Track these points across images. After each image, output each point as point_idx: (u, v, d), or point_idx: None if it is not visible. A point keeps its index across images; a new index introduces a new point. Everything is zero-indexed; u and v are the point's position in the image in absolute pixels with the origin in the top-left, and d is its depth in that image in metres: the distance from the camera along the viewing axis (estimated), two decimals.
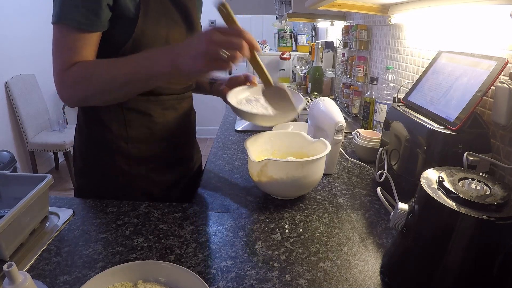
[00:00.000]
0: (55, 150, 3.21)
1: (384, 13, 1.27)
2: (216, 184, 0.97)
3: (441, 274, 0.52)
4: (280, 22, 2.64)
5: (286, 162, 0.82)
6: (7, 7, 2.96)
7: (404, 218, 0.58)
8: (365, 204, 0.86)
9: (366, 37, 1.61)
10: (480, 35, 0.86)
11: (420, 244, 0.56)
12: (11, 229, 0.61)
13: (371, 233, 0.74)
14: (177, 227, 0.75)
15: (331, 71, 2.05)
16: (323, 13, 2.01)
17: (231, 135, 1.41)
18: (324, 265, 0.64)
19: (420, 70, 1.15)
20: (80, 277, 0.60)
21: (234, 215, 0.80)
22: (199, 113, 1.24)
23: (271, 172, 0.81)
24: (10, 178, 0.77)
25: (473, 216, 0.48)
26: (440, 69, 0.90)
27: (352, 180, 1.00)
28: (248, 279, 0.60)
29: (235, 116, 1.73)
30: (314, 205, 0.85)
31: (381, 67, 1.49)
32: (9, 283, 0.45)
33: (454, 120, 0.74)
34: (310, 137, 0.96)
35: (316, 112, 1.07)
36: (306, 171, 0.81)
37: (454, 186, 0.54)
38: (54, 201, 0.83)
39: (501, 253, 0.49)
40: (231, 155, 1.18)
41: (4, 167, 2.61)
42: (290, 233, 0.73)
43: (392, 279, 0.60)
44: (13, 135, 3.07)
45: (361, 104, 1.60)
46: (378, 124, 1.26)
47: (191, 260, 0.64)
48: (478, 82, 0.74)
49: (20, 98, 3.03)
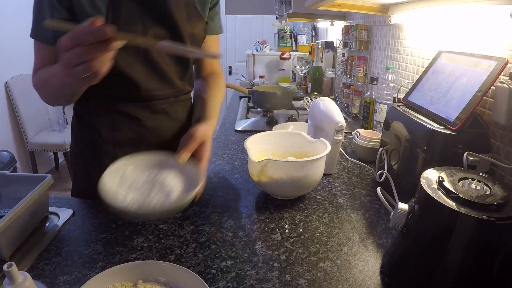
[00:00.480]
0: (55, 150, 3.22)
1: (384, 13, 1.27)
2: (216, 184, 0.97)
3: (441, 274, 0.52)
4: (280, 22, 2.64)
5: (286, 162, 0.82)
6: (7, 7, 2.96)
7: (404, 218, 0.58)
8: (365, 204, 0.86)
9: (366, 37, 1.61)
10: (480, 35, 0.86)
11: (420, 244, 0.56)
12: (11, 229, 0.61)
13: (371, 233, 0.74)
14: (177, 227, 0.75)
15: (331, 71, 2.05)
16: (323, 13, 2.01)
17: (231, 135, 1.41)
18: (324, 265, 0.64)
19: (420, 70, 1.15)
20: (80, 277, 0.60)
21: (234, 215, 0.80)
22: None
23: (271, 172, 0.81)
24: (10, 178, 0.76)
25: (473, 216, 0.48)
26: (440, 69, 0.90)
27: (352, 180, 1.00)
28: (248, 279, 0.60)
29: (235, 116, 1.73)
30: (314, 205, 0.85)
31: (381, 67, 1.50)
32: (9, 283, 0.45)
33: (454, 120, 0.74)
34: (310, 137, 0.96)
35: (316, 112, 1.07)
36: (306, 171, 0.81)
37: (454, 186, 0.54)
38: (54, 201, 0.83)
39: (501, 253, 0.49)
40: (231, 155, 1.18)
41: (4, 167, 2.61)
42: (290, 233, 0.73)
43: (392, 279, 0.60)
44: (13, 135, 3.07)
45: (361, 104, 1.60)
46: (378, 124, 1.26)
47: (191, 260, 0.64)
48: (478, 82, 0.74)
49: (20, 98, 3.03)
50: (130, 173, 0.69)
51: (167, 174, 0.69)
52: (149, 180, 0.68)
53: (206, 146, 0.75)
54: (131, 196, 0.64)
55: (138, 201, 0.64)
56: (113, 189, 0.64)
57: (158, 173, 0.69)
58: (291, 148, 0.97)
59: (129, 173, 0.69)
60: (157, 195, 0.65)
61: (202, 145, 0.75)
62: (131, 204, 0.63)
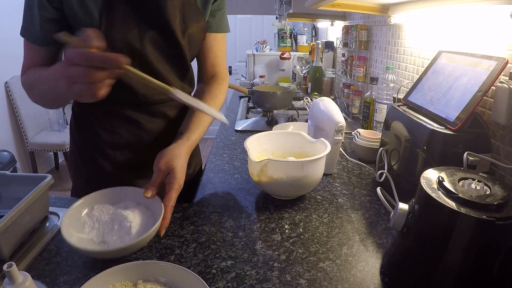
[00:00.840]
0: (55, 150, 3.21)
1: (384, 13, 1.27)
2: (216, 184, 0.97)
3: (441, 274, 0.52)
4: (280, 22, 2.64)
5: (286, 162, 0.82)
6: (7, 7, 2.96)
7: (404, 218, 0.58)
8: (365, 204, 0.86)
9: (366, 37, 1.61)
10: (480, 35, 0.86)
11: (420, 244, 0.56)
12: (11, 229, 0.61)
13: (371, 233, 0.74)
14: (177, 227, 0.75)
15: (331, 71, 2.05)
16: (323, 13, 2.01)
17: (231, 135, 1.41)
18: (324, 265, 0.64)
19: (420, 70, 1.15)
20: (80, 277, 0.60)
21: (234, 215, 0.80)
22: None
23: (271, 172, 0.81)
24: (10, 178, 0.76)
25: (473, 216, 0.48)
26: (440, 69, 0.90)
27: (352, 180, 1.00)
28: (248, 279, 0.60)
29: (235, 116, 1.73)
30: (314, 205, 0.85)
31: (381, 67, 1.50)
32: (9, 283, 0.45)
33: (454, 120, 0.74)
34: (310, 137, 0.96)
35: (316, 112, 1.07)
36: (306, 171, 0.81)
37: (454, 186, 0.54)
38: (54, 201, 0.83)
39: (501, 253, 0.49)
40: (231, 155, 1.18)
41: (4, 167, 2.61)
42: (290, 233, 0.73)
43: (392, 279, 0.60)
44: (13, 135, 3.07)
45: (361, 104, 1.60)
46: (378, 124, 1.26)
47: (191, 260, 0.64)
48: (478, 82, 0.74)
49: (20, 98, 3.03)
50: (96, 210, 0.69)
51: (133, 209, 0.68)
52: (111, 217, 0.67)
53: (174, 174, 0.70)
54: (93, 233, 0.65)
55: (98, 238, 0.65)
56: (71, 230, 0.64)
57: (123, 208, 0.69)
58: (291, 148, 0.97)
59: (95, 210, 0.69)
60: (117, 233, 0.64)
61: (170, 174, 0.70)
62: (90, 243, 0.63)
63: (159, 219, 0.63)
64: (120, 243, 0.62)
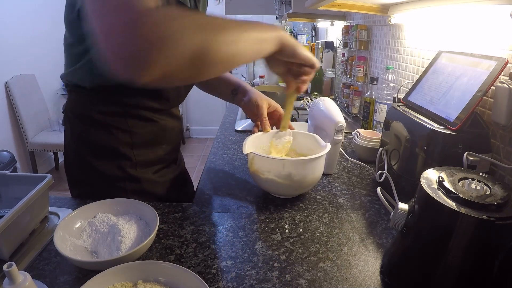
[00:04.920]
0: (55, 150, 3.21)
1: (384, 13, 1.27)
2: (216, 184, 0.97)
3: (441, 274, 0.52)
4: (280, 22, 2.64)
5: (269, 159, 0.82)
6: (7, 7, 2.96)
7: (404, 218, 0.58)
8: (365, 204, 0.86)
9: (366, 37, 1.61)
10: (480, 35, 0.86)
11: (420, 244, 0.56)
12: (11, 229, 0.61)
13: (371, 233, 0.74)
14: (177, 227, 0.75)
15: (331, 71, 2.05)
16: (323, 13, 2.01)
17: (231, 135, 1.41)
18: (324, 265, 0.64)
19: (420, 70, 1.15)
20: (80, 277, 0.60)
21: (234, 215, 0.80)
22: (200, 113, 1.24)
23: (256, 166, 0.84)
24: (10, 178, 0.76)
25: (473, 216, 0.48)
26: (440, 69, 0.90)
27: (352, 180, 1.00)
28: (248, 279, 0.60)
29: (235, 116, 1.73)
30: (314, 205, 0.85)
31: (381, 67, 1.50)
32: (9, 283, 0.45)
33: (454, 120, 0.74)
34: (322, 140, 0.93)
35: (316, 112, 1.07)
36: (306, 171, 0.81)
37: (454, 186, 0.54)
38: (54, 201, 0.83)
39: (501, 253, 0.49)
40: (231, 155, 1.18)
41: (4, 167, 2.61)
42: (290, 233, 0.73)
43: (392, 279, 0.60)
44: (13, 135, 3.07)
45: (361, 104, 1.60)
46: (378, 124, 1.26)
47: (191, 260, 0.64)
48: (478, 82, 0.74)
49: (20, 98, 3.03)
50: (98, 218, 0.70)
51: (131, 224, 0.68)
52: (109, 229, 0.67)
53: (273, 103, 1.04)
54: (89, 242, 0.66)
55: (91, 247, 0.65)
56: (66, 235, 0.65)
57: (124, 221, 0.69)
58: (291, 147, 0.97)
59: (97, 218, 0.70)
60: (108, 245, 0.64)
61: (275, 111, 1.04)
62: (82, 251, 0.64)
63: (148, 237, 0.63)
64: (108, 256, 0.62)
